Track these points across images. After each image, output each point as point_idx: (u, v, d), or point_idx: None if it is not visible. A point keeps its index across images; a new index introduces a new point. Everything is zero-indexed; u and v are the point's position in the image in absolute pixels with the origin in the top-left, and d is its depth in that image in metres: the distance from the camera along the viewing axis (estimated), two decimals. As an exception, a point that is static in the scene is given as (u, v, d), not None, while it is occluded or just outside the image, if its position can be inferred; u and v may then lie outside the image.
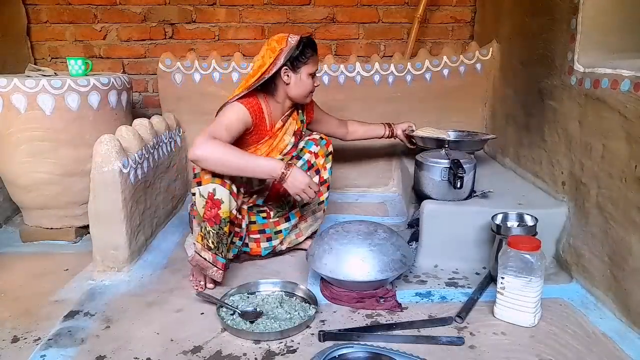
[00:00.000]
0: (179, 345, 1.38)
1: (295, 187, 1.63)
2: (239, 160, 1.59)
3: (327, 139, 2.00)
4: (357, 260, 1.55)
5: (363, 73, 2.67)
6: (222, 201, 1.60)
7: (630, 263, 1.44)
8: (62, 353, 1.35)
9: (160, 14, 2.85)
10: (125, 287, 1.73)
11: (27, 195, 2.10)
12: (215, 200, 1.60)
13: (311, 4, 2.87)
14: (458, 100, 2.72)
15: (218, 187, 1.60)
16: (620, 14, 1.71)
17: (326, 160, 1.97)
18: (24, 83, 1.93)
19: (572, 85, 1.77)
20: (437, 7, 2.90)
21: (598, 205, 1.60)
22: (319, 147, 1.95)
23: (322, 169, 1.95)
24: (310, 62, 1.80)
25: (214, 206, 1.60)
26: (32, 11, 2.81)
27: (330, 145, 1.99)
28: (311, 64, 1.80)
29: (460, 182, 1.79)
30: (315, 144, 1.95)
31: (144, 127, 2.08)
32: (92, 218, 1.79)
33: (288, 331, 1.41)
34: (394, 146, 2.78)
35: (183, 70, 2.62)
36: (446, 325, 1.47)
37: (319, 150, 1.95)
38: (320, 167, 1.94)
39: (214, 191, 1.60)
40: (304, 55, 1.77)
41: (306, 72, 1.79)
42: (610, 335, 1.40)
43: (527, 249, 1.41)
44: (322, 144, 1.97)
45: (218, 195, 1.60)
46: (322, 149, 1.96)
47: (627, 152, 1.46)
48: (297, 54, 1.76)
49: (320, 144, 1.97)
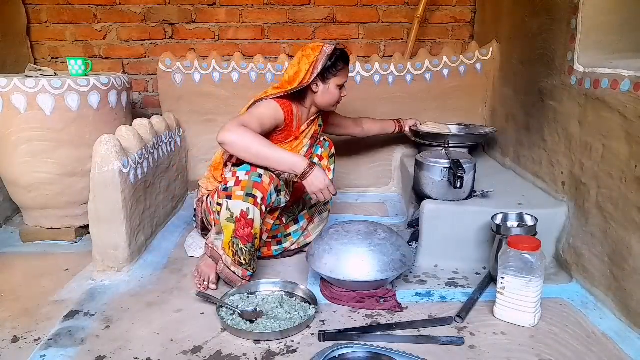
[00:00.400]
0: (179, 345, 1.38)
1: (314, 186, 1.64)
2: (266, 150, 1.60)
3: (330, 141, 2.04)
4: (357, 260, 1.55)
5: (363, 73, 2.67)
6: (254, 220, 1.62)
7: (630, 263, 1.44)
8: (62, 353, 1.35)
9: (160, 14, 2.85)
10: (125, 287, 1.73)
11: (27, 195, 2.10)
12: (248, 220, 1.61)
13: (311, 4, 2.87)
14: (458, 100, 2.72)
15: (251, 207, 1.60)
16: (620, 13, 1.71)
17: (330, 162, 2.01)
18: (24, 83, 1.93)
19: (572, 85, 1.77)
20: (437, 7, 2.90)
21: (598, 205, 1.60)
22: (323, 149, 2.00)
23: (327, 170, 1.98)
24: (340, 74, 1.83)
25: (247, 225, 1.61)
26: (32, 11, 2.81)
27: (333, 147, 2.04)
28: (341, 75, 1.83)
29: (460, 182, 1.78)
30: (320, 147, 2.00)
31: (144, 127, 2.08)
32: (92, 218, 1.79)
33: (288, 331, 1.41)
34: (394, 146, 2.78)
35: (183, 70, 2.62)
36: (446, 325, 1.47)
37: (323, 152, 2.00)
38: (324, 169, 1.95)
39: (247, 211, 1.60)
40: (335, 67, 1.80)
41: (335, 83, 1.83)
42: (610, 335, 1.40)
43: (527, 249, 1.41)
44: (325, 145, 2.01)
45: (251, 216, 1.61)
46: (326, 150, 2.01)
47: (627, 152, 1.46)
48: (329, 65, 1.78)
49: (325, 146, 2.01)
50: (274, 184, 1.66)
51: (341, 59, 1.81)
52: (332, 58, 1.78)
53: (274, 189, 1.67)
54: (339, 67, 1.81)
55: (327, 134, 2.13)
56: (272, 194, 1.66)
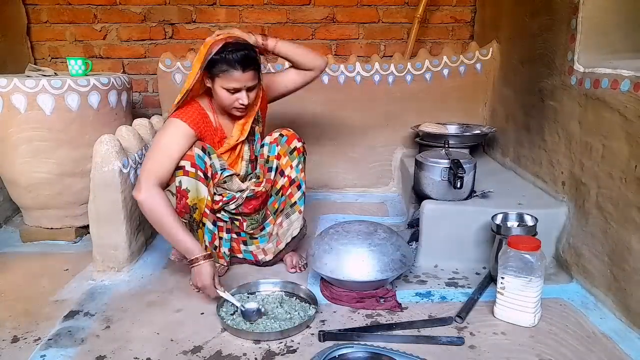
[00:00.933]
0: (179, 345, 1.38)
1: (195, 280, 1.56)
2: (168, 228, 1.56)
3: (289, 134, 1.80)
4: (357, 260, 1.55)
5: (363, 73, 2.67)
6: (188, 190, 1.62)
7: (630, 263, 1.44)
8: (62, 353, 1.35)
9: (160, 14, 2.85)
10: (125, 287, 1.73)
11: (27, 195, 2.10)
12: (182, 191, 1.62)
13: (311, 3, 2.87)
14: (458, 100, 2.72)
15: (182, 178, 1.62)
16: (621, 13, 1.71)
17: (290, 158, 1.78)
18: (24, 83, 1.93)
19: (572, 85, 1.77)
20: (437, 7, 2.90)
21: (598, 205, 1.60)
22: (279, 147, 1.79)
23: (289, 168, 1.79)
24: (223, 77, 1.60)
25: (182, 197, 1.63)
26: (32, 11, 2.81)
27: (294, 140, 1.79)
28: (225, 78, 1.61)
29: (460, 182, 1.78)
30: (276, 145, 1.80)
31: (144, 127, 2.09)
32: (92, 218, 1.79)
33: (288, 331, 1.41)
34: (394, 146, 2.78)
35: (183, 70, 2.62)
36: (446, 325, 1.47)
37: (280, 150, 1.79)
38: (284, 167, 1.79)
39: (180, 183, 1.62)
40: (216, 67, 1.60)
41: (219, 85, 1.63)
42: (610, 335, 1.40)
43: (527, 249, 1.41)
44: (282, 141, 1.79)
45: (184, 186, 1.62)
46: (283, 147, 1.79)
47: (627, 152, 1.46)
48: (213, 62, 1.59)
49: (281, 142, 1.80)
50: (198, 147, 1.64)
51: (226, 62, 1.58)
52: (219, 55, 1.58)
53: (201, 151, 1.64)
54: (222, 68, 1.59)
55: (287, 129, 1.85)
56: (201, 157, 1.64)
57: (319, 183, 2.79)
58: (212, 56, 1.58)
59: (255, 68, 1.64)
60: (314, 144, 2.67)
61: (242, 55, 1.59)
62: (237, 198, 1.78)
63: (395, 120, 2.73)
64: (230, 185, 1.78)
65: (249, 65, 1.61)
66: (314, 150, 2.64)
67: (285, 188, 1.81)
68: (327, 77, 2.66)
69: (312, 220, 2.27)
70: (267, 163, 1.82)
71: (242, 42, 1.64)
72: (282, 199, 1.82)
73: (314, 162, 2.62)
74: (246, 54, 1.60)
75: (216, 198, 1.76)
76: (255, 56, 1.65)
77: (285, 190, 1.81)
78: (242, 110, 1.70)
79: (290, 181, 1.80)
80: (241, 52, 1.59)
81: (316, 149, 2.68)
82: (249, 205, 1.81)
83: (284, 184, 1.80)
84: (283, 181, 1.81)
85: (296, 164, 1.79)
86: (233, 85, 1.62)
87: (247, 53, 1.60)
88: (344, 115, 2.72)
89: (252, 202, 1.81)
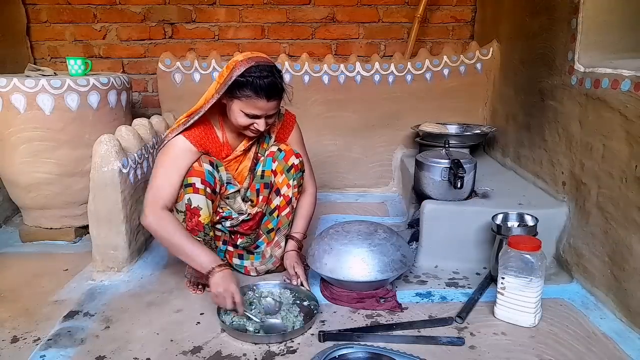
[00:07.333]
0: (179, 345, 1.38)
1: (213, 288, 1.46)
2: (180, 249, 1.52)
3: (286, 150, 1.72)
4: (357, 261, 1.54)
5: (363, 73, 2.67)
6: (200, 207, 1.59)
7: (630, 263, 1.44)
8: (61, 353, 1.35)
9: (160, 14, 2.85)
10: (125, 287, 1.73)
11: (26, 195, 2.10)
12: (192, 209, 1.59)
13: (311, 3, 2.87)
14: (458, 100, 2.72)
15: (191, 195, 1.58)
16: (621, 13, 1.71)
17: (287, 177, 1.71)
18: (23, 83, 1.93)
19: (572, 85, 1.77)
20: (437, 7, 2.90)
21: (598, 205, 1.60)
22: (276, 163, 1.72)
23: (285, 187, 1.72)
24: (245, 101, 1.52)
25: (193, 215, 1.59)
26: (32, 11, 2.81)
27: (292, 157, 1.71)
28: (246, 103, 1.52)
29: (460, 182, 1.78)
30: (272, 160, 1.72)
31: (143, 127, 2.08)
32: (92, 218, 1.79)
33: (289, 334, 1.41)
34: (394, 146, 2.78)
35: (183, 70, 2.62)
36: (446, 326, 1.47)
37: (277, 167, 1.72)
38: (280, 186, 1.73)
39: (189, 201, 1.58)
40: (240, 90, 1.51)
41: (238, 107, 1.55)
42: (611, 335, 1.40)
43: (528, 249, 1.41)
44: (279, 157, 1.72)
45: (195, 204, 1.59)
46: (280, 163, 1.71)
47: (628, 152, 1.46)
48: (238, 83, 1.51)
49: (278, 158, 1.72)
50: (205, 162, 1.60)
51: (251, 87, 1.49)
52: (245, 77, 1.50)
53: (209, 165, 1.60)
54: (246, 93, 1.51)
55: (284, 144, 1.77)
56: (210, 173, 1.60)
57: (319, 183, 2.76)
58: (236, 77, 1.50)
59: (279, 97, 1.57)
60: (314, 144, 2.66)
61: (270, 83, 1.50)
62: (234, 218, 1.75)
63: (396, 120, 2.73)
64: (232, 204, 1.75)
65: (275, 95, 1.54)
66: (314, 150, 2.63)
67: (281, 208, 1.75)
68: (327, 77, 2.66)
69: (312, 220, 2.26)
70: (262, 178, 1.75)
71: (270, 63, 1.56)
72: (277, 219, 1.77)
73: (314, 162, 2.58)
74: (274, 82, 1.52)
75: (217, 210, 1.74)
76: (282, 85, 1.56)
77: (281, 210, 1.76)
78: (256, 134, 1.63)
79: (287, 201, 1.75)
80: (269, 79, 1.51)
81: (316, 149, 2.68)
82: (245, 226, 1.78)
83: (279, 203, 1.75)
84: (278, 201, 1.75)
85: (293, 182, 1.73)
86: (254, 112, 1.54)
87: (274, 81, 1.52)
88: (344, 115, 2.72)
89: (248, 222, 1.78)
